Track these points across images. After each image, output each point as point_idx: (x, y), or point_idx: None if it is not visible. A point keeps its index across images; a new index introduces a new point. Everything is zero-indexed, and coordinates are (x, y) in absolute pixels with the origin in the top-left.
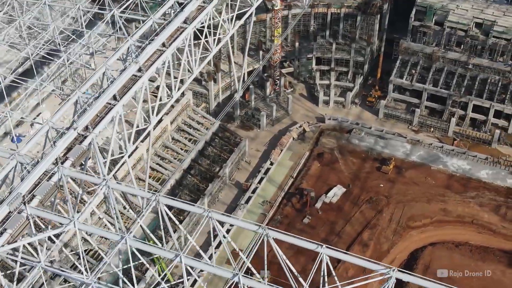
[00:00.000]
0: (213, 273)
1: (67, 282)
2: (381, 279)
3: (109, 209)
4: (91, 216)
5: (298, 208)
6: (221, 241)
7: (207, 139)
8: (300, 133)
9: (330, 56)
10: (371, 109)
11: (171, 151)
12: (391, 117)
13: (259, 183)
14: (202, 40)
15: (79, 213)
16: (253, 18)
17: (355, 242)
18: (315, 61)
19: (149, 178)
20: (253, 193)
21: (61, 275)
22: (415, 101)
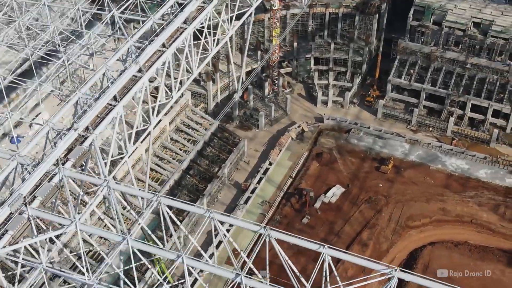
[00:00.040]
0: (216, 273)
1: (66, 283)
2: (381, 279)
3: (108, 209)
4: (90, 216)
5: (297, 208)
6: (220, 241)
7: (206, 139)
8: (298, 133)
9: (328, 56)
10: (370, 109)
11: (170, 151)
12: (390, 116)
13: (258, 183)
14: (202, 40)
15: (80, 214)
16: (252, 18)
17: (355, 242)
18: (313, 61)
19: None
20: (252, 193)
21: (62, 276)
22: (413, 100)
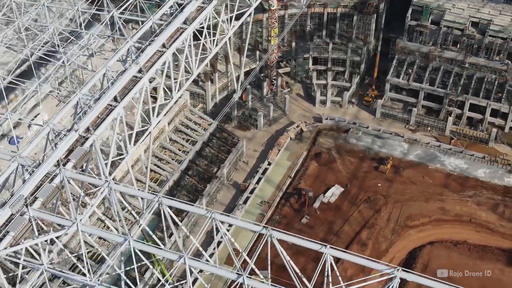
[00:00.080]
0: (217, 274)
1: (65, 284)
2: (381, 279)
3: (106, 210)
4: (89, 217)
5: (296, 208)
6: (219, 242)
7: (205, 139)
8: (297, 133)
9: (326, 56)
10: (368, 108)
11: (168, 152)
12: (388, 116)
13: (257, 184)
14: (202, 41)
15: (82, 215)
16: (251, 18)
17: (354, 241)
18: (311, 61)
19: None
20: (251, 193)
21: (63, 277)
22: (412, 100)
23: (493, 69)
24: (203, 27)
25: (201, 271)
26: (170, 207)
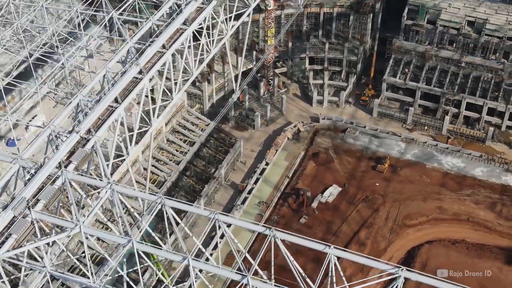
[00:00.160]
0: (221, 275)
1: (64, 285)
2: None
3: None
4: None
5: (294, 208)
6: (218, 242)
7: (203, 140)
8: (294, 133)
9: (323, 55)
10: (365, 108)
11: (166, 152)
12: (385, 116)
13: (255, 184)
14: (201, 41)
15: (84, 217)
16: (250, 18)
17: (352, 241)
18: (308, 61)
19: (145, 180)
20: (249, 193)
21: (67, 279)
22: (408, 99)
23: (489, 68)
24: (202, 28)
25: (200, 271)
26: (171, 208)
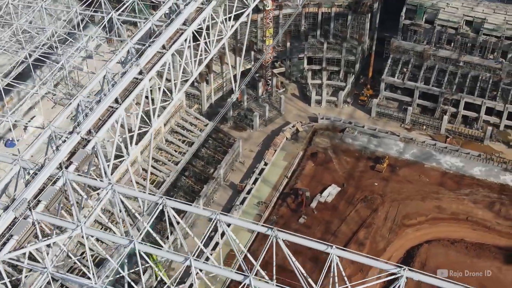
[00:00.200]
0: (223, 275)
1: (64, 286)
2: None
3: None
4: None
5: (293, 208)
6: (217, 243)
7: (202, 140)
8: (293, 133)
9: (321, 55)
10: (364, 108)
11: (165, 153)
12: (384, 115)
13: (254, 184)
14: (201, 41)
15: (86, 218)
16: (249, 19)
17: (351, 241)
18: (306, 61)
19: (144, 180)
20: (248, 194)
21: (68, 280)
22: (407, 99)
23: (487, 67)
24: (201, 28)
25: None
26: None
